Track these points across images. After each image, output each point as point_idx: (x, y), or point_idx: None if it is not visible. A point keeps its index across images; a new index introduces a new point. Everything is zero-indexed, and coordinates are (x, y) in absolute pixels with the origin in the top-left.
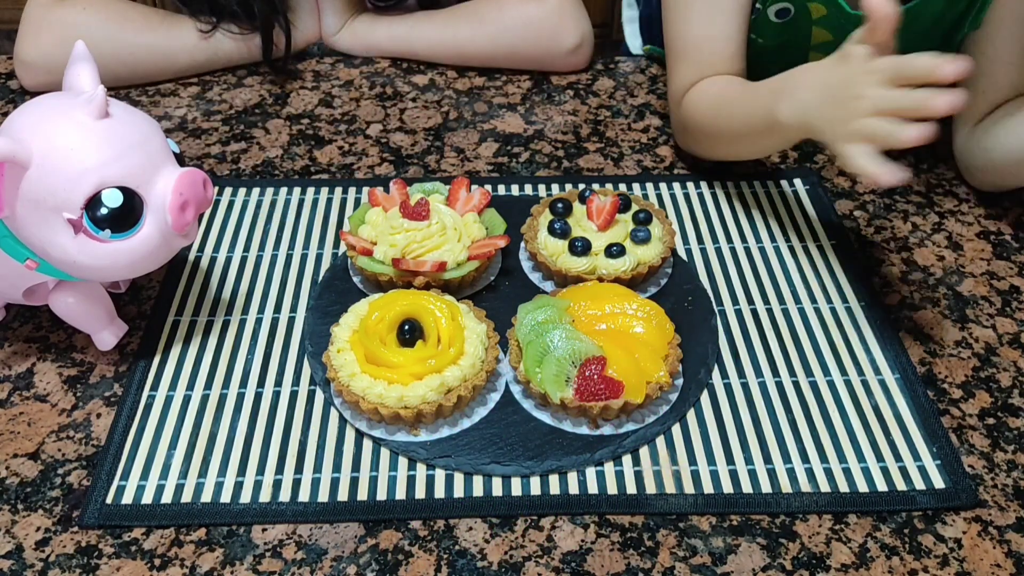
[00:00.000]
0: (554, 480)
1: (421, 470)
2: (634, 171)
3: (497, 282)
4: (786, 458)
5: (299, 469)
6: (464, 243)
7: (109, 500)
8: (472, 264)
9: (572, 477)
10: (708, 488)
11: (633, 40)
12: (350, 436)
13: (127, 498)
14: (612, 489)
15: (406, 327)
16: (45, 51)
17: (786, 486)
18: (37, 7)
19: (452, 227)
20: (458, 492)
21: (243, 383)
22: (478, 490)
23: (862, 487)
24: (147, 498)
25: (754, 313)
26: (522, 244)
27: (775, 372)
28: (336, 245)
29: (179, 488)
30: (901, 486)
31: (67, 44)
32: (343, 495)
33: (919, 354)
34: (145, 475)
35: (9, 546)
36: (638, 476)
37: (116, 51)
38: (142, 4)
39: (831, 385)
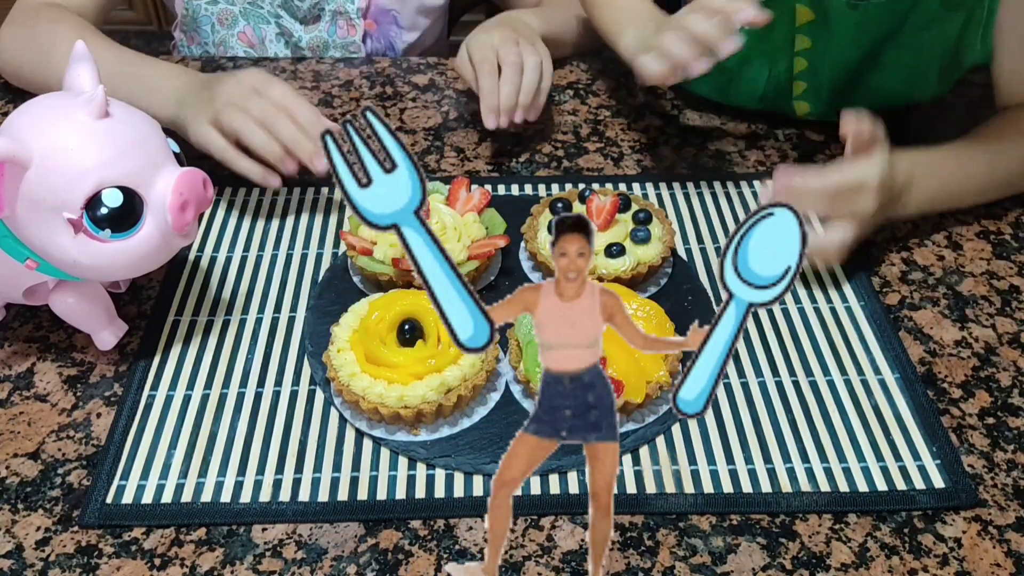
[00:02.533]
0: (554, 480)
1: (421, 470)
2: (634, 171)
3: (497, 282)
4: (786, 458)
5: (299, 469)
6: (464, 243)
7: (109, 500)
8: (472, 264)
9: (572, 477)
10: (708, 488)
11: None
12: (350, 436)
13: (127, 498)
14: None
15: (406, 327)
16: (10, 56)
17: (786, 486)
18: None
19: (452, 227)
20: (458, 492)
21: (243, 383)
22: (478, 490)
23: (862, 487)
24: (147, 498)
25: (754, 313)
26: (522, 244)
27: (775, 372)
28: (336, 245)
29: (179, 488)
30: (901, 486)
31: (35, 55)
32: (343, 495)
33: (919, 354)
34: (145, 475)
35: (9, 546)
36: (638, 476)
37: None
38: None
39: (831, 385)
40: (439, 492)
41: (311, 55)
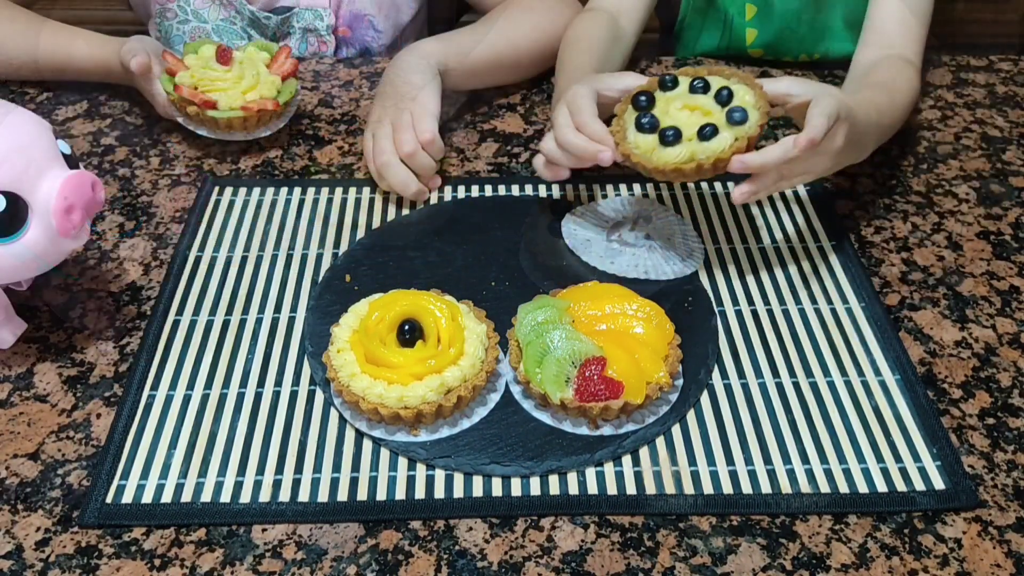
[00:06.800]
0: (554, 480)
1: (421, 470)
2: (634, 170)
3: (497, 282)
4: (786, 458)
5: (299, 469)
6: (245, 95)
7: (109, 500)
8: (235, 112)
9: (572, 477)
10: (708, 488)
11: None
12: (350, 436)
13: (127, 498)
14: (612, 490)
15: (406, 327)
16: None
17: (786, 487)
18: None
19: (249, 77)
20: (458, 492)
21: (243, 383)
22: (478, 490)
23: (862, 488)
24: (147, 498)
25: (754, 313)
26: (566, 216)
27: (775, 372)
28: (336, 245)
29: (179, 488)
30: (901, 487)
31: None
32: (343, 495)
33: (919, 354)
34: (145, 475)
35: (9, 546)
36: (638, 476)
37: None
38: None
39: (831, 385)
40: (439, 493)
41: None
